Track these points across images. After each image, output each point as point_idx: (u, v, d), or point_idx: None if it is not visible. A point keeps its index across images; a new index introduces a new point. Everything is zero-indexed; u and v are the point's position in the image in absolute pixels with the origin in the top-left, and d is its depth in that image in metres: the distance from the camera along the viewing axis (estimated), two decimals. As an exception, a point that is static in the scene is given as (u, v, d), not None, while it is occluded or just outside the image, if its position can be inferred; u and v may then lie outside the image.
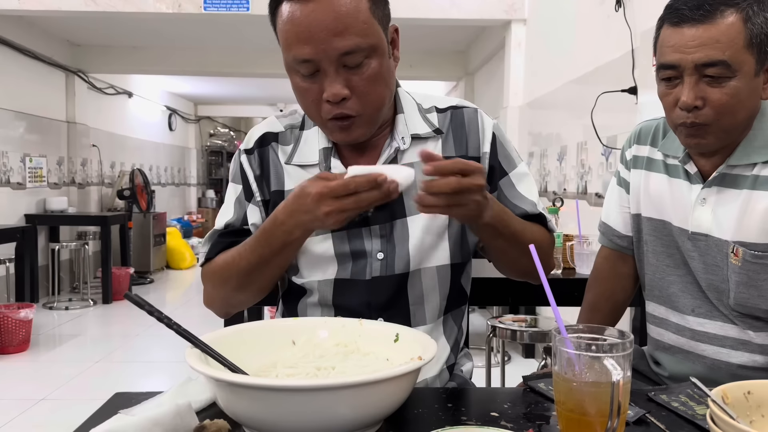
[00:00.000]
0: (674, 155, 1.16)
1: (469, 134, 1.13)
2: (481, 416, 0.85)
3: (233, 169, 1.16)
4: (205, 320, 1.60)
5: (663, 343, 1.22)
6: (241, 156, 1.14)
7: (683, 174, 1.15)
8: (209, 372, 0.73)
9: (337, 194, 0.89)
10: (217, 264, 1.11)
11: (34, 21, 5.50)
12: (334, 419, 0.71)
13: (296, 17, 0.94)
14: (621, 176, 1.29)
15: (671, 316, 1.20)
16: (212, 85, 8.84)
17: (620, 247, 1.31)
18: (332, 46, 0.94)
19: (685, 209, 1.14)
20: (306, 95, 1.00)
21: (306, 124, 1.13)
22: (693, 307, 1.16)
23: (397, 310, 1.08)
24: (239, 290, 1.09)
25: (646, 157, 1.23)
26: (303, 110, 1.09)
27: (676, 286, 1.18)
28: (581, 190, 3.32)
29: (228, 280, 1.09)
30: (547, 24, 4.07)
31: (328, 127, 1.03)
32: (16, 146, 5.41)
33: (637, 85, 2.55)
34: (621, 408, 0.67)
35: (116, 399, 0.91)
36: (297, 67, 0.98)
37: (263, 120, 1.20)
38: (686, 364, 1.18)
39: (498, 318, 2.56)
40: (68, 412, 2.98)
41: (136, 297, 0.79)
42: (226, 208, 1.15)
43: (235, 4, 4.43)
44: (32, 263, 5.19)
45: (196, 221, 9.90)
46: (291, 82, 1.02)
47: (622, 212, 1.29)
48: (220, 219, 1.15)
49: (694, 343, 1.16)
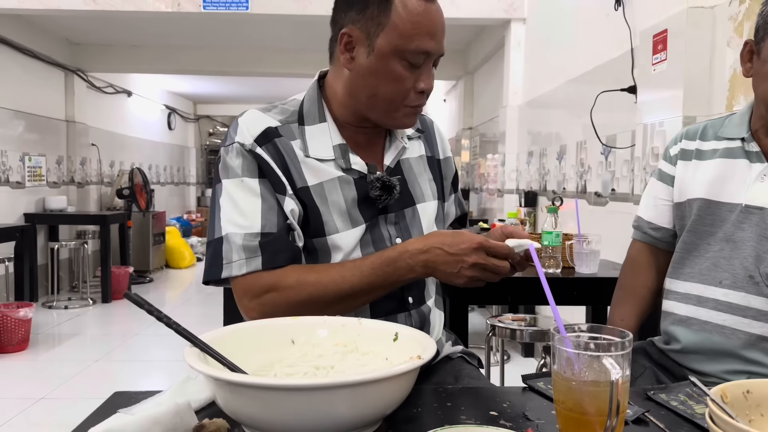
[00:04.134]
0: (736, 137, 1.23)
1: (432, 135, 1.29)
2: (480, 415, 0.85)
3: (242, 164, 1.07)
4: (205, 319, 1.61)
5: (680, 316, 1.26)
6: (256, 149, 1.07)
7: (743, 154, 1.21)
8: (208, 371, 0.73)
9: (495, 253, 0.99)
10: (303, 279, 1.03)
11: (33, 20, 5.49)
12: (333, 418, 0.71)
13: (427, 12, 1.04)
14: (664, 172, 1.36)
15: (694, 289, 1.24)
16: (211, 84, 8.84)
17: (654, 239, 1.38)
18: (441, 45, 1.07)
19: (740, 186, 1.20)
20: (402, 83, 1.07)
21: (306, 120, 1.13)
22: (721, 279, 1.21)
23: (415, 284, 1.16)
24: (326, 309, 1.01)
25: (695, 149, 1.30)
26: (384, 95, 1.07)
27: (709, 260, 1.23)
28: (580, 189, 3.32)
29: (318, 298, 1.02)
30: (547, 23, 4.07)
31: (401, 113, 1.10)
32: (16, 145, 5.41)
33: (637, 84, 2.55)
34: (620, 407, 0.67)
35: (115, 398, 0.91)
36: (409, 57, 1.05)
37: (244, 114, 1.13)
38: (702, 334, 1.21)
39: (497, 317, 2.56)
40: (67, 412, 2.98)
41: (135, 296, 0.79)
42: (247, 206, 1.05)
43: (234, 3, 4.42)
44: (31, 262, 5.19)
45: (196, 220, 9.90)
46: (386, 67, 1.05)
47: (661, 205, 1.36)
48: (238, 219, 1.05)
49: (716, 313, 1.20)
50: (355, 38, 1.06)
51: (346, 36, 1.06)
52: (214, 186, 1.12)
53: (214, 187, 1.13)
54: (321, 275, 1.03)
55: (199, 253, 8.56)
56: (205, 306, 5.63)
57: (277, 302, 1.03)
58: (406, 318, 1.15)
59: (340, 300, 1.03)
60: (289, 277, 1.04)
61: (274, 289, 1.04)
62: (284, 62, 6.58)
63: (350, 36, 1.06)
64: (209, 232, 1.11)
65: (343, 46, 1.07)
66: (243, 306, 1.07)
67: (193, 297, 6.26)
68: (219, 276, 1.06)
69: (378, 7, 1.03)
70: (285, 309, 1.02)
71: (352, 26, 1.06)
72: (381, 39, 1.04)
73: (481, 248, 0.98)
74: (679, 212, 1.31)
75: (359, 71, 1.07)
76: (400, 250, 1.02)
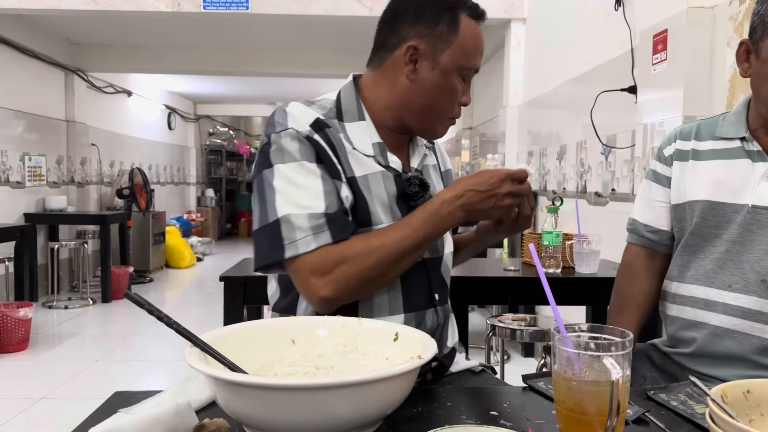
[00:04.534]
0: (734, 137, 1.20)
1: (438, 149, 1.38)
2: (480, 415, 0.85)
3: (299, 148, 1.08)
4: (205, 319, 1.61)
5: (688, 321, 1.23)
6: (314, 135, 1.09)
7: (744, 154, 1.19)
8: (209, 371, 0.73)
9: (519, 178, 1.07)
10: (369, 245, 1.04)
11: (33, 20, 5.49)
12: (334, 418, 0.71)
13: (480, 33, 1.16)
14: (659, 173, 1.33)
15: (700, 293, 1.22)
16: (211, 84, 8.84)
17: (651, 242, 1.35)
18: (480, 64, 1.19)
19: (744, 186, 1.17)
20: (455, 96, 1.16)
21: (345, 117, 1.15)
22: (730, 282, 1.17)
23: (440, 283, 1.22)
24: (391, 270, 1.06)
25: (691, 150, 1.27)
26: (438, 107, 1.16)
27: (714, 263, 1.20)
28: (581, 189, 3.32)
29: (384, 261, 1.04)
30: (547, 23, 4.07)
31: (444, 124, 1.20)
32: (16, 145, 5.41)
33: (637, 84, 2.55)
34: (620, 407, 0.67)
35: (116, 398, 0.91)
36: (464, 73, 1.15)
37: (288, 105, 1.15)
38: (713, 339, 1.19)
39: (497, 317, 2.56)
40: (67, 411, 2.98)
41: (136, 296, 0.79)
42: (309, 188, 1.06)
43: (234, 3, 4.42)
44: (31, 262, 5.19)
45: (196, 220, 9.90)
46: (447, 82, 1.14)
47: (658, 207, 1.33)
48: (300, 200, 1.05)
49: (726, 318, 1.17)
50: (421, 52, 1.12)
51: (412, 49, 1.12)
52: (260, 172, 1.09)
53: (259, 173, 1.10)
54: (382, 238, 1.05)
55: (199, 253, 8.57)
56: (205, 306, 5.63)
57: (348, 274, 1.03)
58: (433, 314, 1.18)
59: (402, 258, 1.06)
60: (354, 246, 1.04)
61: (344, 261, 1.03)
62: (284, 62, 6.58)
63: (416, 49, 1.12)
64: (260, 217, 1.07)
65: (408, 58, 1.13)
66: (311, 285, 1.03)
67: (193, 297, 6.26)
68: (282, 257, 1.03)
69: (448, 25, 1.12)
70: (357, 279, 1.03)
71: (420, 40, 1.12)
72: (446, 55, 1.12)
73: (508, 177, 1.06)
74: (677, 214, 1.29)
75: (421, 83, 1.13)
76: (438, 201, 1.07)
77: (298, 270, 1.04)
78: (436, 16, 1.12)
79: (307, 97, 1.25)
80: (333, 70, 6.53)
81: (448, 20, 1.12)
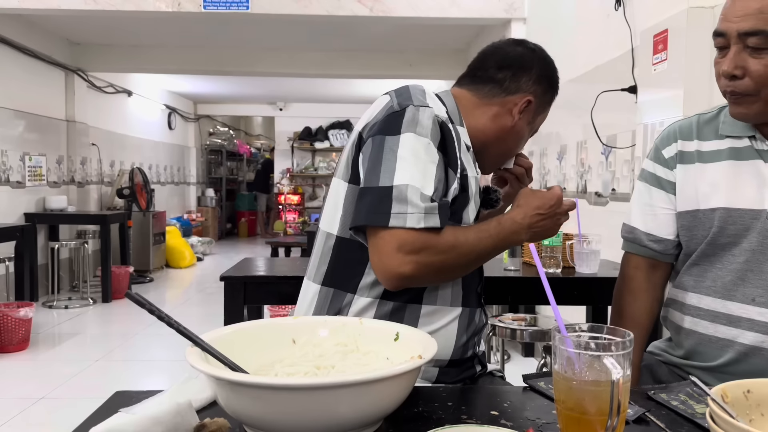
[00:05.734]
0: (742, 135, 1.14)
1: None
2: (481, 415, 0.85)
3: (432, 129, 1.09)
4: (205, 319, 1.61)
5: (709, 336, 1.16)
6: (448, 123, 1.13)
7: (755, 154, 1.12)
8: (209, 370, 0.73)
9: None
10: (457, 238, 1.07)
11: (33, 19, 5.49)
12: (334, 418, 0.71)
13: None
14: (660, 177, 1.24)
15: (720, 306, 1.14)
16: (212, 83, 8.84)
17: (655, 252, 1.25)
18: None
19: (759, 189, 1.11)
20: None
21: (452, 119, 1.18)
22: (753, 296, 1.10)
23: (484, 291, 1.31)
24: (467, 267, 1.15)
25: (695, 151, 1.19)
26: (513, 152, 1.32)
27: (733, 273, 1.13)
28: (581, 189, 3.32)
29: (465, 256, 1.09)
30: (547, 23, 4.07)
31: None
32: (16, 145, 5.41)
33: (637, 84, 2.55)
34: (621, 407, 0.67)
35: (116, 398, 0.91)
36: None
37: (418, 86, 1.20)
38: (739, 357, 1.12)
39: (498, 317, 2.56)
40: (68, 411, 2.98)
41: (136, 296, 0.79)
42: (429, 170, 1.06)
43: (234, 3, 4.42)
44: (32, 262, 5.19)
45: (196, 220, 9.90)
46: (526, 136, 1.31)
47: (661, 215, 1.24)
48: (417, 175, 1.04)
49: (752, 335, 1.10)
50: (531, 107, 1.25)
51: (527, 102, 1.24)
52: (383, 136, 1.08)
53: (381, 137, 1.08)
54: (467, 237, 1.09)
55: (200, 252, 8.57)
56: (205, 305, 5.64)
57: (433, 260, 1.05)
58: (480, 313, 1.26)
59: (476, 260, 1.15)
60: (446, 236, 1.06)
61: (432, 247, 1.04)
62: (284, 62, 6.57)
63: (530, 103, 1.24)
64: (370, 178, 1.06)
65: (521, 107, 1.24)
66: (394, 259, 1.03)
67: (193, 297, 6.26)
68: (386, 223, 1.02)
69: (552, 95, 1.30)
70: (437, 267, 1.07)
71: (534, 98, 1.25)
72: (539, 118, 1.30)
73: (561, 197, 1.18)
74: (686, 222, 1.19)
75: (517, 131, 1.26)
76: (510, 220, 1.14)
77: (388, 241, 1.03)
78: (550, 86, 1.29)
79: (307, 97, 1.27)
80: (333, 70, 6.54)
81: (551, 94, 1.30)
